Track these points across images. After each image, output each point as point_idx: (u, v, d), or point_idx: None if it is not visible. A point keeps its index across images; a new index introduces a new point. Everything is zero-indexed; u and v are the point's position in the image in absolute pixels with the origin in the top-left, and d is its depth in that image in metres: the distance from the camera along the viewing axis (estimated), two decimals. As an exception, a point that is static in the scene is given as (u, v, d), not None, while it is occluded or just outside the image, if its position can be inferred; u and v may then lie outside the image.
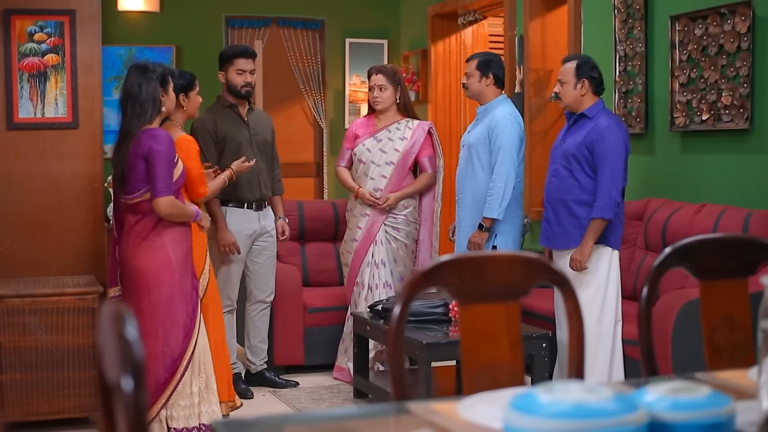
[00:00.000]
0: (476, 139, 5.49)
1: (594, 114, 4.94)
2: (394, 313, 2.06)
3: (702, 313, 2.42)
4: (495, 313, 2.16)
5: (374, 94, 5.65)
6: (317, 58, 9.51)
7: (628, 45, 6.22)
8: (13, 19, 4.93)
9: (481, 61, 5.54)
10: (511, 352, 2.17)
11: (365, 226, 5.66)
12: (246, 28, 9.35)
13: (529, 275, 2.19)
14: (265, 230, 5.63)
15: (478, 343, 2.14)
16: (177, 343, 4.41)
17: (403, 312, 2.06)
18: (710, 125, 5.52)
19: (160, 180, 4.27)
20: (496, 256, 2.18)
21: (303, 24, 9.50)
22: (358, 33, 9.61)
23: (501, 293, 2.17)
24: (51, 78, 5.02)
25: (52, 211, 5.02)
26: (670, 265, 2.41)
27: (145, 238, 4.37)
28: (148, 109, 4.34)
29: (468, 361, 2.14)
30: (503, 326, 2.17)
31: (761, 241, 2.48)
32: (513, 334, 2.18)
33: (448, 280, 2.12)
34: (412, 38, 9.49)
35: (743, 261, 2.43)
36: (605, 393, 1.54)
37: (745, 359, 2.37)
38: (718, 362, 2.37)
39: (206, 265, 4.86)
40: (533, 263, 2.19)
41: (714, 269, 2.41)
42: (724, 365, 2.36)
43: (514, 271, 2.18)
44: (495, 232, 5.45)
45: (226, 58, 5.60)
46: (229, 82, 5.56)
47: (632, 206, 5.91)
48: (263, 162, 5.61)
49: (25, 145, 4.99)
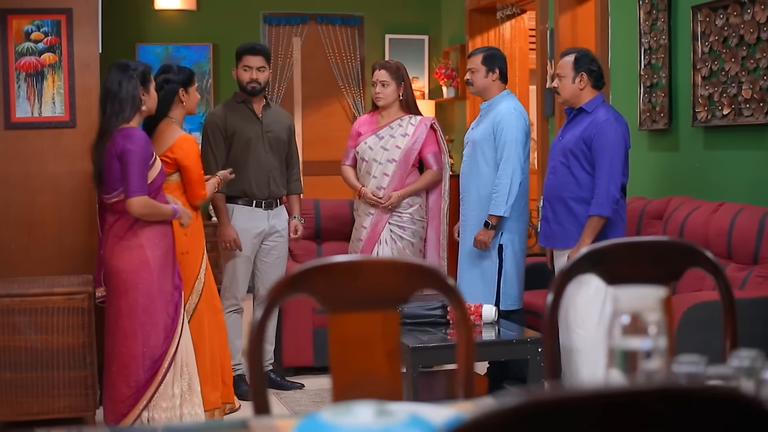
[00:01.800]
0: (481, 135, 5.33)
1: (593, 108, 4.76)
2: (254, 320, 1.95)
3: (615, 322, 2.24)
4: (370, 322, 2.03)
5: (376, 90, 5.53)
6: (356, 54, 9.42)
7: (652, 37, 5.99)
8: (10, 18, 4.92)
9: (486, 55, 5.38)
10: (388, 364, 2.04)
11: (370, 225, 5.54)
12: (284, 25, 9.30)
13: (409, 282, 2.05)
14: (275, 229, 5.54)
15: (350, 353, 2.02)
16: (157, 344, 4.35)
17: (263, 320, 1.95)
18: (731, 120, 5.27)
19: (133, 180, 4.21)
20: (370, 262, 2.05)
21: (342, 20, 9.41)
22: (398, 29, 9.50)
23: (376, 301, 2.04)
24: (48, 77, 5.00)
25: (50, 210, 5.00)
26: (578, 271, 2.25)
27: (122, 238, 4.32)
28: (127, 107, 4.28)
29: (338, 373, 2.01)
30: (379, 336, 2.04)
31: (685, 245, 2.31)
32: (390, 344, 2.05)
33: (315, 287, 1.99)
34: (452, 33, 9.33)
35: (665, 267, 2.26)
36: (399, 416, 1.41)
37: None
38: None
39: (202, 269, 4.80)
40: (414, 269, 2.06)
41: (630, 276, 2.24)
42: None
43: (392, 277, 2.04)
44: (501, 230, 5.30)
45: (236, 54, 5.57)
46: (238, 79, 5.52)
47: (653, 205, 5.70)
48: (275, 159, 5.52)
49: (23, 145, 4.99)
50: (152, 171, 4.32)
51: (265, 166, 5.45)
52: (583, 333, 4.78)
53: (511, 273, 5.32)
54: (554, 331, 2.22)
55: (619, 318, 1.59)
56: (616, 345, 1.58)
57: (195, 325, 4.72)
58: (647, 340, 1.60)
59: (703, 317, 4.48)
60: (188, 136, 4.81)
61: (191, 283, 4.75)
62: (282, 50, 9.28)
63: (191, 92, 4.85)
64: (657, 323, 1.61)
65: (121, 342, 4.35)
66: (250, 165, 5.42)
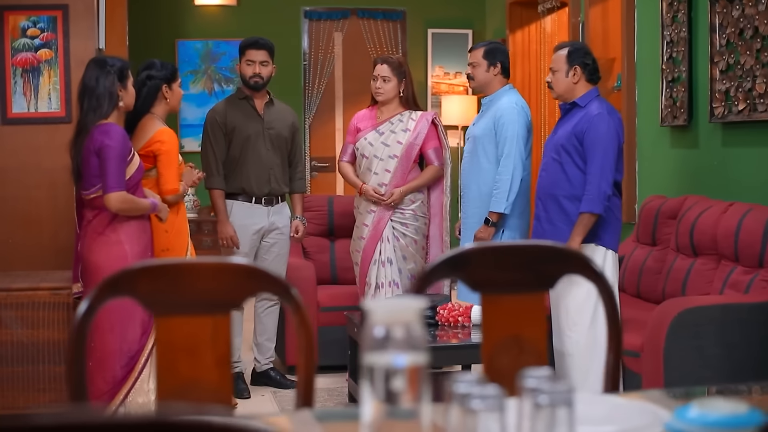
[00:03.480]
0: (481, 130, 5.19)
1: (586, 102, 4.59)
2: (76, 316, 1.88)
3: (483, 332, 2.13)
4: (198, 327, 1.95)
5: (377, 85, 5.42)
6: (398, 49, 9.31)
7: (674, 30, 5.77)
8: (6, 14, 4.97)
9: (487, 50, 5.23)
10: (217, 371, 1.96)
11: (372, 223, 5.43)
12: (324, 20, 9.24)
13: (241, 286, 1.96)
14: (275, 226, 5.48)
15: (176, 359, 1.94)
16: (135, 339, 4.33)
17: (86, 316, 1.88)
18: (746, 116, 5.03)
19: (110, 176, 4.20)
20: (197, 265, 1.96)
21: (383, 15, 9.31)
22: (441, 23, 9.36)
23: (206, 305, 1.95)
24: (44, 73, 5.03)
25: (46, 205, 5.03)
26: (439, 275, 2.14)
27: (101, 233, 4.31)
28: (104, 103, 4.28)
29: (163, 379, 1.94)
30: (208, 342, 1.95)
31: (561, 251, 2.17)
32: (220, 350, 1.96)
33: (138, 289, 1.92)
34: (496, 27, 9.16)
35: (535, 273, 2.13)
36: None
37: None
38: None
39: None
40: (245, 272, 1.97)
41: (496, 282, 2.12)
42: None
43: (222, 281, 1.96)
44: (502, 228, 5.15)
45: (239, 49, 5.54)
46: (241, 74, 5.49)
47: (669, 204, 5.49)
48: (277, 157, 5.46)
49: (19, 140, 5.03)
50: (130, 167, 4.31)
51: (266, 163, 5.41)
52: (575, 336, 4.62)
53: (512, 273, 5.16)
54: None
55: (372, 332, 1.48)
56: (370, 362, 1.47)
57: None
58: (403, 355, 1.48)
59: (693, 323, 4.28)
60: (167, 129, 4.75)
61: None
62: (323, 45, 9.23)
63: (174, 88, 4.81)
64: (414, 337, 1.49)
65: (98, 338, 4.34)
66: (249, 162, 5.37)
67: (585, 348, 4.60)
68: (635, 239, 5.80)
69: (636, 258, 5.62)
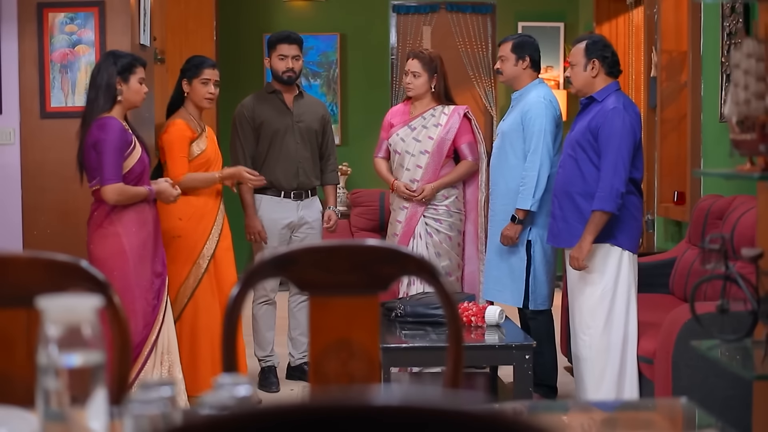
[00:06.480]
0: (509, 126, 5.05)
1: (603, 97, 4.40)
2: None
3: (309, 335, 2.07)
4: (12, 320, 1.96)
5: (407, 80, 5.34)
6: (488, 43, 9.18)
7: (732, 21, 5.49)
8: (45, 12, 5.12)
9: (515, 43, 5.08)
10: (30, 365, 1.96)
11: (404, 219, 5.35)
12: (413, 14, 9.19)
13: (52, 280, 1.97)
14: (305, 221, 5.46)
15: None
16: (136, 332, 4.38)
17: None
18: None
19: (106, 168, 4.28)
20: (14, 258, 1.98)
21: (473, 8, 9.19)
22: (532, 16, 9.16)
23: (21, 299, 1.96)
24: (81, 68, 5.17)
25: (83, 197, 5.16)
26: (264, 275, 2.09)
27: (100, 225, 4.39)
28: (100, 96, 4.33)
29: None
30: (22, 335, 1.97)
31: (392, 252, 2.09)
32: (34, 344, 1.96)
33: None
34: (588, 20, 8.91)
35: (368, 274, 2.05)
36: None
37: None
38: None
39: (203, 255, 4.83)
40: (55, 266, 1.97)
41: (325, 283, 2.05)
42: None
43: (32, 274, 1.96)
44: (530, 225, 5.01)
45: (270, 43, 5.55)
46: (272, 68, 5.50)
47: (719, 204, 5.25)
48: (306, 150, 5.46)
49: (57, 133, 5.17)
50: (130, 159, 4.37)
51: (294, 156, 5.40)
52: (588, 339, 4.45)
53: (540, 271, 5.02)
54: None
55: (48, 331, 1.45)
56: (44, 362, 1.44)
57: (191, 310, 4.77)
58: (79, 354, 1.44)
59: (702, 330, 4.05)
60: (175, 121, 4.91)
61: (188, 267, 4.79)
62: (411, 39, 9.17)
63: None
64: (91, 336, 1.46)
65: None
66: (278, 156, 5.38)
67: (598, 352, 4.43)
68: (687, 240, 5.57)
69: (686, 260, 5.39)
